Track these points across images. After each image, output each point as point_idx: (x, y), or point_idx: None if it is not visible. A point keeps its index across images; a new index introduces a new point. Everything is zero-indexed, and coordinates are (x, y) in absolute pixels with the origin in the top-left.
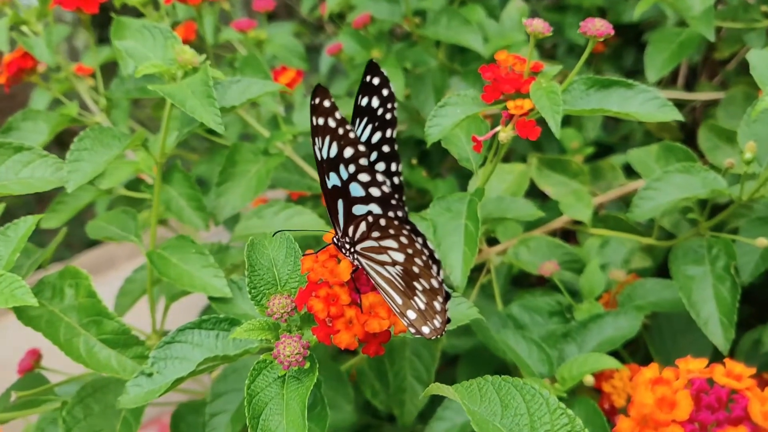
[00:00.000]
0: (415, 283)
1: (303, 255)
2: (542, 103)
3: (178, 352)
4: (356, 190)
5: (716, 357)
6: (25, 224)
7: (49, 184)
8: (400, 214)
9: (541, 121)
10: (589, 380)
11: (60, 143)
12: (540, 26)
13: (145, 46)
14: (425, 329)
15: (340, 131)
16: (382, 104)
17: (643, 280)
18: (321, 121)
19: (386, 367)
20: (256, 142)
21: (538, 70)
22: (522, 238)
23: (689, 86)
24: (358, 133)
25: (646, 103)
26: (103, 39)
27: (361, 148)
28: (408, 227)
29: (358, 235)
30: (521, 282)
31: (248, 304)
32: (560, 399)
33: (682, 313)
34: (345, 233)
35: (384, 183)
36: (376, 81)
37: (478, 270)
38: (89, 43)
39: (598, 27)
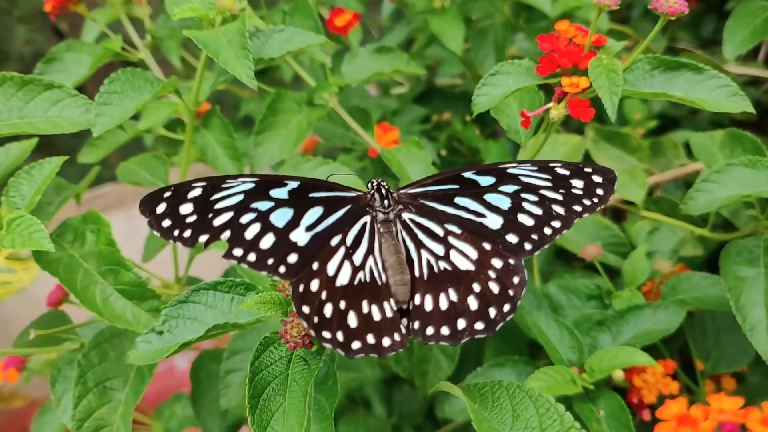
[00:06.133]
0: None
1: None
2: (600, 82)
3: (190, 313)
4: None
5: (758, 362)
6: (50, 165)
7: (77, 125)
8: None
9: (598, 99)
10: (619, 375)
11: None
12: None
13: None
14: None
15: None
16: (587, 192)
17: (690, 273)
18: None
19: None
20: (303, 88)
21: (600, 44)
22: None
23: None
24: (521, 172)
25: (715, 91)
26: None
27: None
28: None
29: None
30: (565, 254)
31: None
32: (586, 391)
33: (729, 311)
34: None
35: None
36: (596, 178)
37: None
38: None
39: (672, 4)
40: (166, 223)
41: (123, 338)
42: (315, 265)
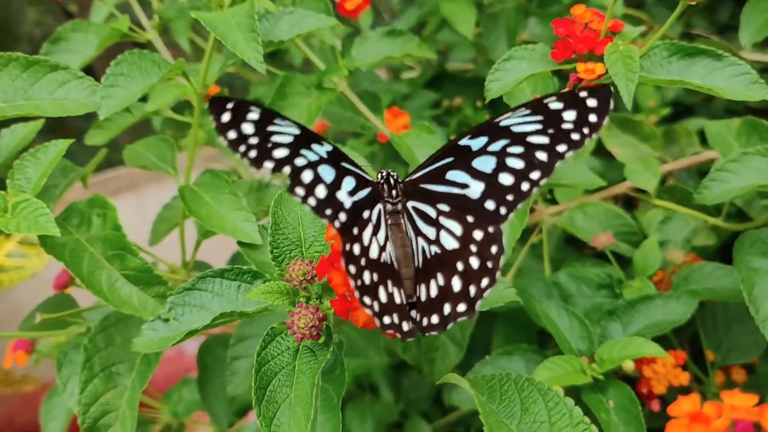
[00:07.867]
0: None
1: None
2: (616, 69)
3: (197, 300)
4: None
5: None
6: (56, 148)
7: (83, 108)
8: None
9: (612, 85)
10: (629, 366)
11: None
12: None
13: None
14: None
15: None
16: (578, 124)
17: (703, 263)
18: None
19: None
20: (313, 71)
21: (617, 29)
22: (579, 203)
23: None
24: (514, 121)
25: (734, 78)
26: None
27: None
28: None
29: None
30: (576, 242)
31: None
32: (595, 381)
33: (741, 302)
34: None
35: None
36: (591, 102)
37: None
38: None
39: None
40: (232, 135)
41: (129, 323)
42: (355, 230)
